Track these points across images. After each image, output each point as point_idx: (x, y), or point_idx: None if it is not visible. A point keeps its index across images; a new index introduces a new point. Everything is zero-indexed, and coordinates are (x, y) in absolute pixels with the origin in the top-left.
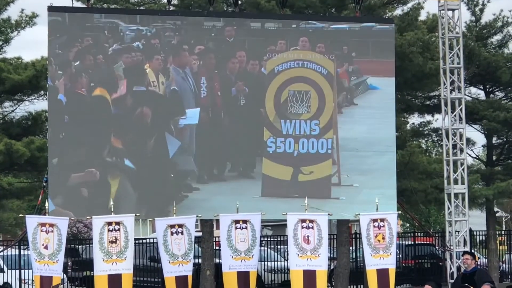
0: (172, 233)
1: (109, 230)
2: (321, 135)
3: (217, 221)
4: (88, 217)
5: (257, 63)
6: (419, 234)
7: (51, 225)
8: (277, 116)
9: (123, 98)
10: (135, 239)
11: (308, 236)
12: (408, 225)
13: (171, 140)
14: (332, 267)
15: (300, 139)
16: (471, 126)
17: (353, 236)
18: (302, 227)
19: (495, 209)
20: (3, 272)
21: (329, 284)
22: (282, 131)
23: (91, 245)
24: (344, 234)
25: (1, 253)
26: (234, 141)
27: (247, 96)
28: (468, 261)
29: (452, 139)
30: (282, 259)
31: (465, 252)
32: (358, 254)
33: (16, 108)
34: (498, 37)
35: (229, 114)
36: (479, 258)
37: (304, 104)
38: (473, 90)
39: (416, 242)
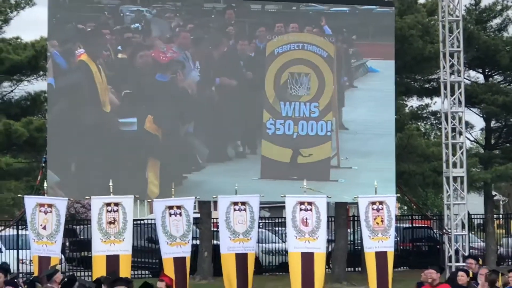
0: (170, 214)
1: (107, 211)
2: (321, 118)
3: (215, 202)
4: (86, 197)
5: (253, 44)
6: (417, 217)
7: (50, 205)
8: (276, 98)
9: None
10: (134, 220)
11: (306, 219)
12: (406, 208)
13: None
14: (330, 250)
15: (300, 121)
16: (470, 110)
17: (351, 218)
18: (301, 210)
19: (493, 192)
20: (1, 252)
21: (327, 266)
22: (282, 113)
23: (89, 225)
24: (342, 217)
25: None
26: (233, 123)
27: (247, 78)
28: (472, 265)
29: (451, 122)
30: (280, 241)
31: (469, 256)
32: (356, 237)
33: (15, 88)
34: (497, 20)
35: (228, 96)
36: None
37: (304, 86)
38: (472, 73)
39: (414, 225)
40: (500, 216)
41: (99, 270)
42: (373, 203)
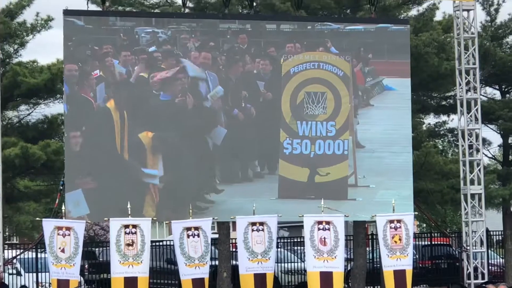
0: (188, 236)
1: (126, 233)
2: (338, 136)
3: (234, 223)
4: (105, 219)
5: (269, 64)
6: (435, 234)
7: (68, 228)
8: (293, 118)
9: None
10: (152, 241)
11: (324, 238)
12: (424, 225)
13: None
14: (348, 268)
15: (317, 141)
16: (487, 126)
17: (370, 237)
18: (319, 229)
19: None
20: (21, 275)
21: (346, 285)
22: (299, 132)
23: (108, 247)
24: (360, 235)
25: (19, 256)
26: (250, 143)
27: (264, 98)
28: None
29: (468, 139)
30: (299, 260)
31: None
32: (374, 255)
33: (32, 112)
34: None
35: (245, 116)
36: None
37: (320, 106)
38: (489, 90)
39: (433, 243)
40: None
41: None
42: (391, 221)
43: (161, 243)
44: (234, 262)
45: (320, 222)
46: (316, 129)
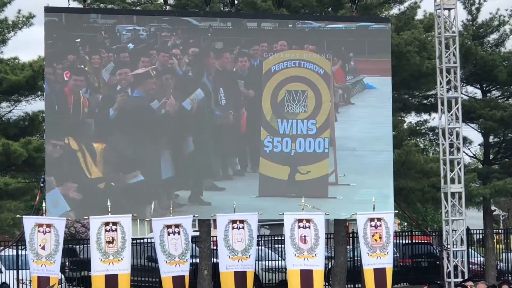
0: (169, 233)
1: (106, 231)
2: (318, 135)
3: (214, 220)
4: (85, 217)
5: (247, 61)
6: (416, 233)
7: (48, 225)
8: (274, 116)
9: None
10: (132, 239)
11: (305, 236)
12: (405, 224)
13: None
14: (329, 266)
15: (297, 139)
16: (468, 125)
17: (351, 235)
18: (299, 227)
19: (492, 207)
20: (1, 272)
21: (326, 283)
22: (279, 130)
23: (88, 245)
24: (341, 233)
25: None
26: (231, 141)
27: (244, 96)
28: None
29: (449, 138)
30: (280, 258)
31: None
32: (355, 253)
33: (13, 109)
34: (494, 36)
35: (225, 115)
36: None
37: (301, 104)
38: (470, 89)
39: (413, 241)
40: (500, 231)
41: None
42: (371, 219)
43: (141, 241)
44: (214, 260)
45: (300, 220)
46: (297, 127)
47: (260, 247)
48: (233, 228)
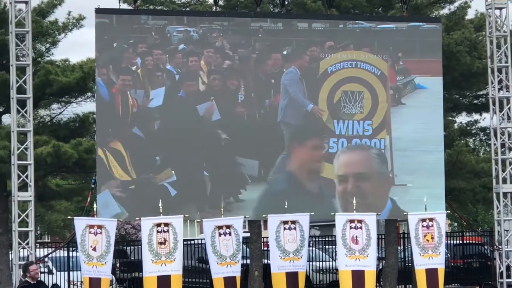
0: (220, 234)
1: (158, 232)
2: (374, 136)
3: (265, 221)
4: (137, 218)
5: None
6: (467, 233)
7: (100, 227)
8: (330, 116)
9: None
10: (184, 240)
11: (356, 236)
12: (456, 224)
13: None
14: (380, 267)
15: (353, 139)
16: None
17: (401, 235)
18: (351, 227)
19: None
20: (52, 274)
21: (378, 284)
22: (335, 131)
23: (139, 246)
24: (392, 234)
25: (50, 255)
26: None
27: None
28: None
29: (500, 138)
30: (331, 259)
31: None
32: (406, 254)
33: (63, 110)
34: None
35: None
36: None
37: (357, 105)
38: None
39: (465, 242)
40: None
41: None
42: (423, 220)
43: (192, 242)
44: (265, 261)
45: (352, 221)
46: (353, 128)
47: (310, 248)
48: (284, 229)
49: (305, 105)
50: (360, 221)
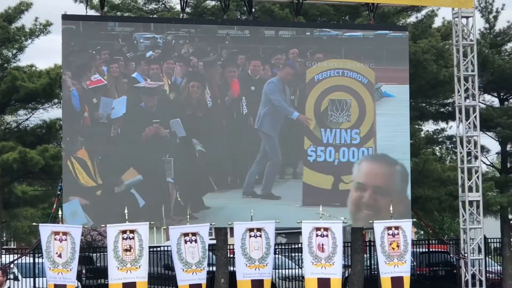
0: (186, 241)
1: (123, 238)
2: (362, 144)
3: (231, 229)
4: (102, 225)
5: (269, 69)
6: (433, 241)
7: (65, 233)
8: (317, 125)
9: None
10: (150, 247)
11: (322, 244)
12: (422, 232)
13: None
14: (346, 275)
15: (341, 148)
16: (485, 134)
17: (367, 243)
18: (317, 235)
19: (510, 216)
20: (18, 280)
21: None
22: (323, 140)
23: (105, 253)
24: (358, 242)
25: (16, 262)
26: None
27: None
28: None
29: (467, 146)
30: (297, 266)
31: None
32: (372, 262)
33: (30, 116)
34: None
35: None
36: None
37: (344, 113)
38: (487, 97)
39: (431, 250)
40: None
41: None
42: (389, 228)
43: (158, 249)
44: (231, 268)
45: (318, 229)
46: (340, 136)
47: (277, 255)
48: (250, 236)
49: (290, 113)
50: (326, 229)
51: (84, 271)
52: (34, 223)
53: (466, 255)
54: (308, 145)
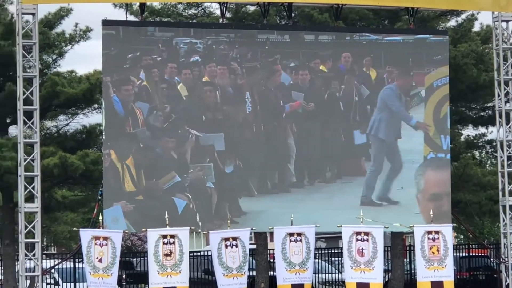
0: (226, 246)
1: (164, 243)
2: None
3: (271, 233)
4: (143, 230)
5: (308, 74)
6: (473, 246)
7: (105, 238)
8: (436, 132)
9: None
10: (190, 252)
11: (362, 249)
12: (462, 237)
13: None
14: (386, 279)
15: None
16: None
17: (408, 248)
18: (357, 240)
19: None
20: (58, 285)
21: None
22: (443, 146)
23: (145, 258)
24: (398, 246)
25: (56, 266)
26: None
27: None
28: None
29: (507, 150)
30: (336, 271)
31: None
32: (412, 266)
33: (70, 122)
34: None
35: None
36: None
37: None
38: None
39: (471, 254)
40: None
41: None
42: (429, 232)
43: (198, 254)
44: (271, 273)
45: (358, 233)
46: None
47: (316, 260)
48: (290, 241)
49: (408, 119)
50: (366, 234)
51: (124, 276)
52: (74, 228)
53: (506, 259)
54: (427, 151)
